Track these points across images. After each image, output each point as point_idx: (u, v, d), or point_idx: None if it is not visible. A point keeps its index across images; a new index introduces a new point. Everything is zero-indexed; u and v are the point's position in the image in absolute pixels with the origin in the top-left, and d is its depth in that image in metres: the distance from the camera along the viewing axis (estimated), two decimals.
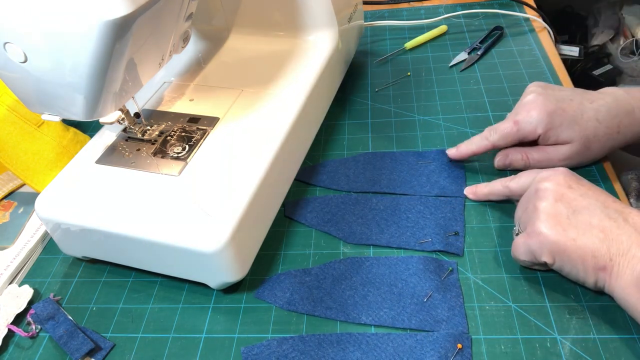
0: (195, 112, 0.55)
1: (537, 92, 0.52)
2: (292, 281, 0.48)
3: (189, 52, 0.64)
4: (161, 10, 0.42)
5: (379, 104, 0.67)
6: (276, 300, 0.47)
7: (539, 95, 0.51)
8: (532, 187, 0.45)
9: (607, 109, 0.50)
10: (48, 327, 0.46)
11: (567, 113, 0.50)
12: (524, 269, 0.46)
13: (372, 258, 0.49)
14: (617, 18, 1.33)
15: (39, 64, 0.40)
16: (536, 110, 0.50)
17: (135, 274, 0.51)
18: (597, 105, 0.50)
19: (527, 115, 0.51)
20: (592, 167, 0.54)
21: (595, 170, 0.54)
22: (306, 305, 0.46)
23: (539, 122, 0.50)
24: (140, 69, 0.46)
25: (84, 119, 0.45)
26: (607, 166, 0.54)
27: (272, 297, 0.47)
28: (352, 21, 0.67)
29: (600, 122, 0.50)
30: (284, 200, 0.55)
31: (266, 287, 0.48)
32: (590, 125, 0.50)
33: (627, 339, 0.41)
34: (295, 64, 0.60)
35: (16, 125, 0.57)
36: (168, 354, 0.44)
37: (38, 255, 0.55)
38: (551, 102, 0.50)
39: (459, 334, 0.42)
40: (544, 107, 0.50)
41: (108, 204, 0.47)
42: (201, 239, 0.43)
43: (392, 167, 0.58)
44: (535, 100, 0.51)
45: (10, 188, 0.61)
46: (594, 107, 0.50)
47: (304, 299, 0.46)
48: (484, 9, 0.81)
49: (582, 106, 0.50)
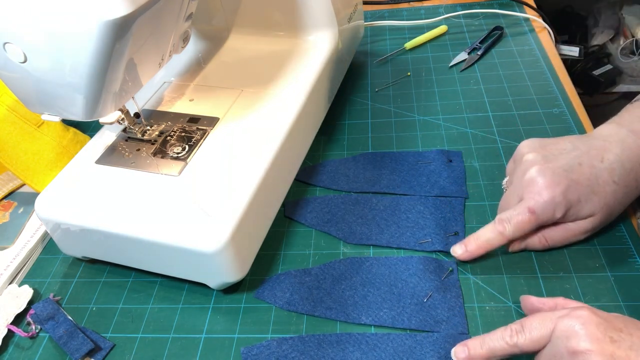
0: (195, 112, 0.55)
1: (538, 162, 0.45)
2: (292, 281, 0.48)
3: (189, 52, 0.64)
4: (161, 10, 0.42)
5: (379, 104, 0.67)
6: (276, 301, 0.47)
7: (543, 169, 0.44)
8: (558, 345, 0.35)
9: (621, 165, 0.44)
10: (48, 327, 0.46)
11: (582, 185, 0.43)
12: (524, 269, 0.46)
13: (372, 258, 0.49)
14: (617, 18, 1.33)
15: (39, 64, 0.40)
16: (548, 191, 0.43)
17: (135, 274, 0.51)
18: (608, 164, 0.44)
19: (541, 200, 0.43)
20: None
21: None
22: (306, 305, 0.46)
23: (557, 206, 0.43)
24: (140, 69, 0.46)
25: (84, 119, 0.45)
26: None
27: (272, 297, 0.47)
28: (352, 21, 0.67)
29: (617, 183, 0.44)
30: (284, 200, 0.55)
31: (266, 287, 0.48)
32: (609, 190, 0.44)
33: None
34: (295, 64, 0.60)
35: (16, 125, 0.57)
36: (168, 354, 0.44)
37: (38, 255, 0.55)
38: (560, 177, 0.43)
39: (458, 335, 0.42)
40: (556, 185, 0.43)
41: (108, 204, 0.47)
42: (201, 239, 0.43)
43: (392, 167, 0.58)
44: (542, 177, 0.44)
45: (10, 188, 0.61)
46: (607, 166, 0.44)
47: (304, 299, 0.46)
48: (484, 9, 0.81)
49: (593, 170, 0.44)
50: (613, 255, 0.46)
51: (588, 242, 0.48)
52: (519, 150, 0.48)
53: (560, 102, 0.63)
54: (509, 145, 0.58)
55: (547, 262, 0.47)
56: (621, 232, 0.48)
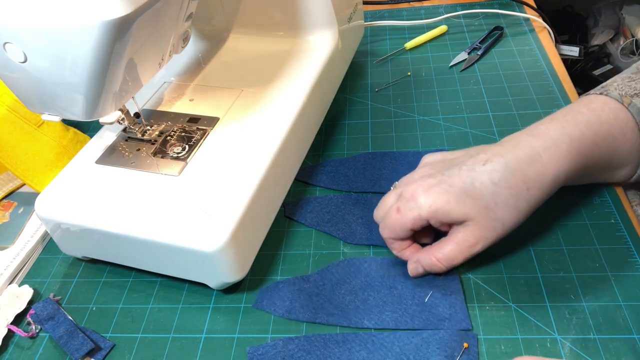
0: (195, 112, 0.55)
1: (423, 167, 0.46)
2: (290, 289, 0.48)
3: (189, 52, 0.64)
4: (161, 11, 0.42)
5: (379, 104, 0.67)
6: (276, 310, 0.46)
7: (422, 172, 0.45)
8: None
9: (504, 165, 0.41)
10: (48, 327, 0.46)
11: (455, 186, 0.42)
12: (524, 268, 0.46)
13: (369, 259, 0.49)
14: (617, 18, 1.33)
15: (39, 64, 0.40)
16: (412, 187, 0.43)
17: (135, 274, 0.51)
18: (490, 166, 0.42)
19: (406, 197, 0.43)
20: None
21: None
22: (307, 313, 0.46)
23: (421, 207, 0.42)
24: (140, 69, 0.46)
25: (84, 119, 0.45)
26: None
27: (272, 306, 0.47)
28: (352, 21, 0.67)
29: (498, 184, 0.41)
30: (284, 200, 0.55)
31: (265, 297, 0.47)
32: (487, 192, 0.41)
33: (627, 339, 0.41)
34: (295, 64, 0.60)
35: (16, 125, 0.57)
36: (168, 354, 0.44)
37: (38, 255, 0.55)
38: (434, 179, 0.43)
39: (465, 333, 0.42)
40: (427, 187, 0.42)
41: (108, 204, 0.47)
42: (201, 239, 0.43)
43: (392, 167, 0.58)
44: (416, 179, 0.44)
45: (10, 188, 0.61)
46: (487, 169, 0.42)
47: (304, 307, 0.46)
48: (484, 9, 0.81)
49: (471, 173, 0.42)
50: (613, 255, 0.46)
51: (588, 242, 0.48)
52: (422, 159, 0.49)
53: (560, 102, 0.63)
54: None
55: (547, 262, 0.47)
56: (621, 232, 0.48)
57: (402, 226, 0.44)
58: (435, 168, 0.45)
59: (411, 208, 0.43)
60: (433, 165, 0.46)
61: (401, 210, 0.43)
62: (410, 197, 0.43)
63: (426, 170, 0.45)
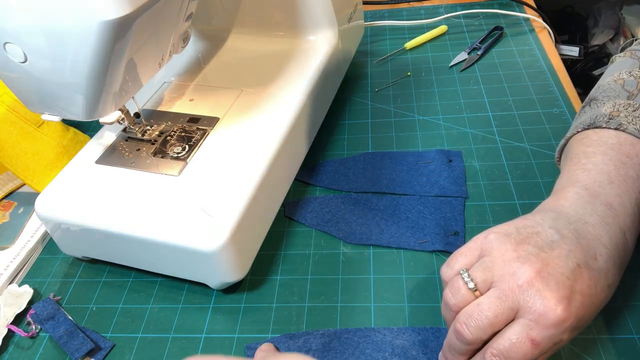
0: (195, 112, 0.55)
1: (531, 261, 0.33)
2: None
3: (189, 52, 0.64)
4: (161, 11, 0.42)
5: (379, 104, 0.67)
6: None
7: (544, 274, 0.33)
8: None
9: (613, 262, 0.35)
10: (48, 327, 0.46)
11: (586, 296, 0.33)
12: None
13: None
14: (617, 18, 1.33)
15: (39, 64, 0.40)
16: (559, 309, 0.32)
17: (135, 274, 0.51)
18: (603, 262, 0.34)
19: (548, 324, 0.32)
20: None
21: None
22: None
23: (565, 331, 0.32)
24: (140, 69, 0.46)
25: (84, 119, 0.45)
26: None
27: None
28: (352, 21, 0.67)
29: (610, 287, 0.35)
30: (284, 200, 0.55)
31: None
32: (604, 296, 0.35)
33: (627, 339, 0.41)
34: (295, 64, 0.60)
35: (16, 125, 0.57)
36: (168, 354, 0.44)
37: (38, 255, 0.55)
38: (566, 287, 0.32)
39: None
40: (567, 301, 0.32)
41: (108, 204, 0.47)
42: (201, 239, 0.43)
43: (392, 167, 0.58)
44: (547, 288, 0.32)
45: (10, 188, 0.61)
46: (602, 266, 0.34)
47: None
48: (484, 9, 0.81)
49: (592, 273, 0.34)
50: None
51: None
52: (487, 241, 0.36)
53: (560, 102, 0.63)
54: (509, 145, 0.58)
55: None
56: None
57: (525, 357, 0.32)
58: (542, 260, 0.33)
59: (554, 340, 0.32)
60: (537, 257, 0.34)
61: (541, 344, 0.32)
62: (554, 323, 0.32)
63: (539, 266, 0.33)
